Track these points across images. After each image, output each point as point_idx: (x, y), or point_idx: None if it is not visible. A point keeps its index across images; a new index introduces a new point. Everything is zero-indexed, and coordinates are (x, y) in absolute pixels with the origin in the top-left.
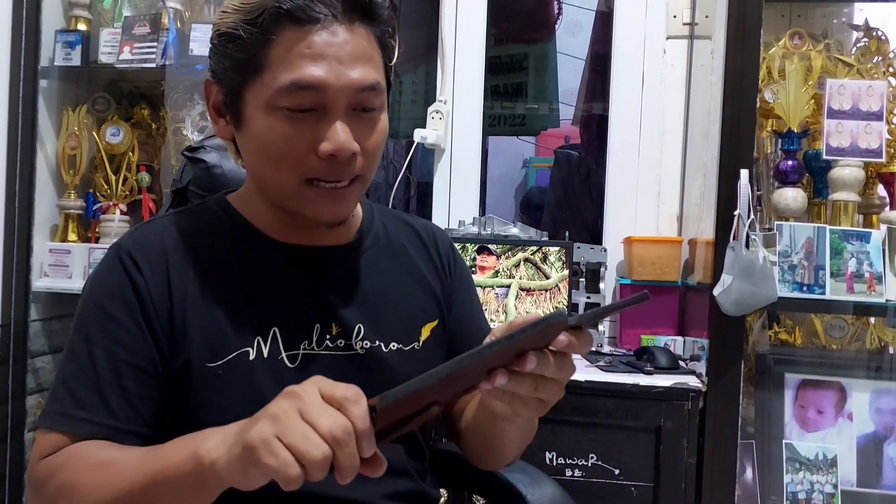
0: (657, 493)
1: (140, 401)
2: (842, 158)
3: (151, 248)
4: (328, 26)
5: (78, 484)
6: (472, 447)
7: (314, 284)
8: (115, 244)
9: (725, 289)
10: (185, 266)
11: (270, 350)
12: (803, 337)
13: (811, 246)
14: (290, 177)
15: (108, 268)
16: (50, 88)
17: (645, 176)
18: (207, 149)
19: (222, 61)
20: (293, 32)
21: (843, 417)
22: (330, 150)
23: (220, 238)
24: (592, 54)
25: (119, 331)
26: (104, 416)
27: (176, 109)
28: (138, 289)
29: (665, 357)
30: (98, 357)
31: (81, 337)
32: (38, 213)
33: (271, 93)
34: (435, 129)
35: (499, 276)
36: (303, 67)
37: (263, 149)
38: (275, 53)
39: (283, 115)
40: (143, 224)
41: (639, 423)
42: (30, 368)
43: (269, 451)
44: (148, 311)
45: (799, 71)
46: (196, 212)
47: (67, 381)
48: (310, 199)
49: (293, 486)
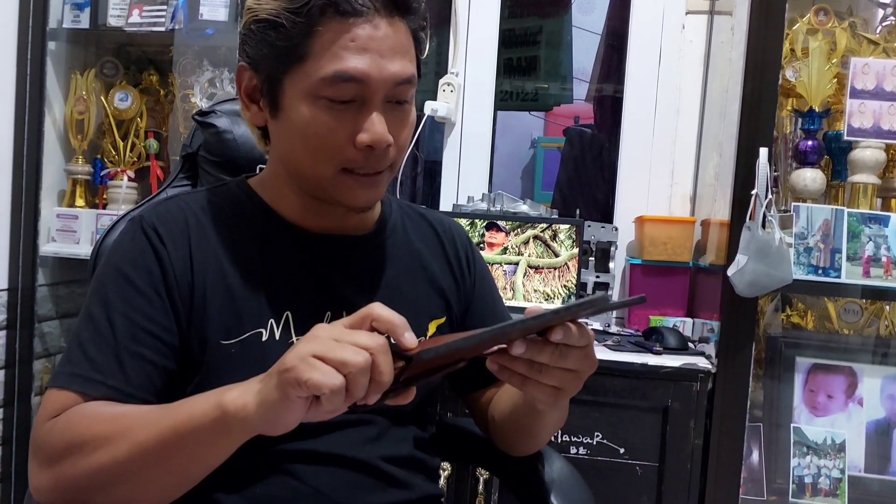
0: (662, 473)
1: (155, 370)
2: (863, 140)
3: (175, 223)
4: (371, 19)
5: (89, 440)
6: (506, 436)
7: (329, 272)
8: (136, 216)
9: (740, 269)
10: (207, 243)
11: (282, 333)
12: (815, 321)
13: (828, 228)
14: (327, 165)
15: (132, 237)
16: (58, 51)
17: (658, 155)
18: (218, 113)
19: (260, 48)
20: (338, 24)
21: (853, 403)
22: (368, 141)
23: (240, 219)
24: (609, 29)
25: (140, 299)
26: (119, 381)
27: (185, 76)
28: (161, 260)
29: (674, 338)
30: (117, 322)
31: (100, 302)
32: (45, 178)
33: (314, 82)
34: (446, 101)
35: (507, 253)
36: (347, 59)
37: (302, 137)
38: (319, 44)
39: (324, 104)
40: (164, 199)
41: (646, 403)
42: (37, 333)
43: (308, 366)
44: (170, 282)
45: (822, 49)
46: (217, 192)
47: (84, 345)
48: (345, 186)
49: (336, 401)
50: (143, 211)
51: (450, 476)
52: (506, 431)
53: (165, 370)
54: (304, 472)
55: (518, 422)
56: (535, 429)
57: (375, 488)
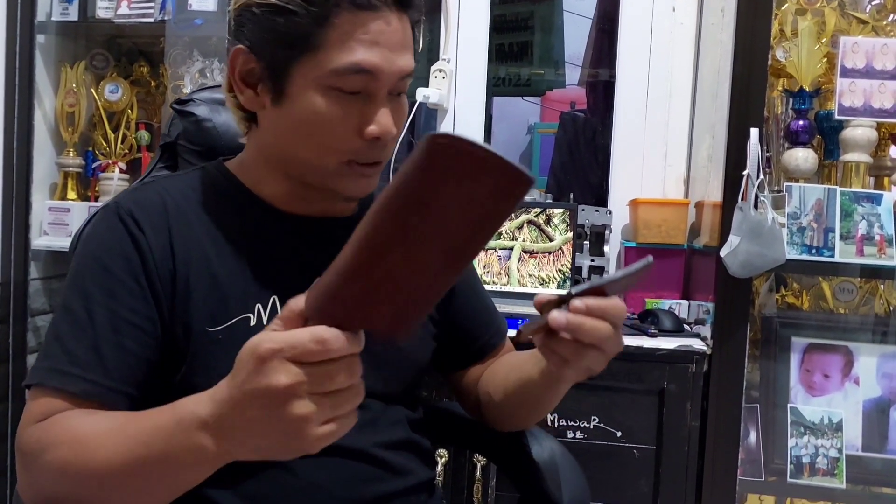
0: (659, 455)
1: (136, 361)
2: (854, 118)
3: (152, 209)
4: (383, 14)
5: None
6: (507, 411)
7: (314, 255)
8: (111, 203)
9: (733, 250)
10: (187, 228)
11: (269, 318)
12: (810, 301)
13: (821, 208)
14: (333, 156)
15: (107, 226)
16: (47, 44)
17: (651, 137)
18: (197, 101)
19: (263, 33)
20: (352, 16)
21: (849, 382)
22: (377, 132)
23: (220, 203)
24: (600, 13)
25: (120, 289)
26: (98, 374)
27: (175, 66)
28: (140, 247)
29: (669, 320)
30: (97, 314)
31: (78, 294)
32: (36, 171)
33: (325, 72)
34: (438, 88)
35: (502, 238)
36: (360, 52)
37: (308, 126)
38: (333, 35)
39: (334, 95)
40: (139, 185)
41: (642, 386)
42: (30, 327)
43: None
44: (150, 270)
45: (812, 28)
46: (194, 176)
47: (61, 338)
48: (347, 176)
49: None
50: (119, 198)
51: (447, 463)
52: (510, 405)
53: (148, 361)
54: (299, 466)
55: (529, 394)
56: (548, 400)
57: (374, 478)
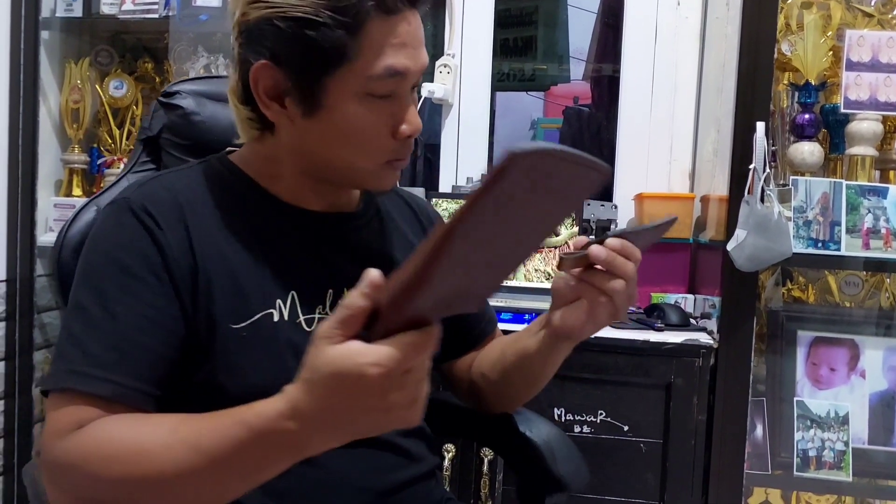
0: (666, 449)
1: (161, 360)
2: (860, 112)
3: (165, 203)
4: (406, 15)
5: (133, 473)
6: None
7: (326, 249)
8: (120, 199)
9: (739, 244)
10: (203, 223)
11: (290, 313)
12: (816, 294)
13: (827, 201)
14: (374, 159)
15: (119, 222)
16: (52, 40)
17: (657, 131)
18: (183, 94)
19: (291, 47)
20: (381, 21)
21: (855, 375)
22: (410, 131)
23: (231, 198)
24: (604, 7)
25: (139, 286)
26: (122, 375)
27: (180, 62)
28: (158, 242)
29: (676, 314)
30: (118, 313)
31: (93, 293)
32: (42, 168)
33: (363, 80)
34: (443, 83)
35: None
36: (392, 56)
37: (347, 135)
38: (366, 43)
39: (369, 101)
40: (146, 180)
41: (649, 380)
42: (36, 324)
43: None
44: (170, 265)
45: (818, 22)
46: (198, 171)
47: (78, 339)
48: (384, 175)
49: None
50: (126, 193)
51: (454, 457)
52: (507, 381)
53: (171, 360)
54: (323, 459)
55: (528, 367)
56: (546, 370)
57: (395, 466)
